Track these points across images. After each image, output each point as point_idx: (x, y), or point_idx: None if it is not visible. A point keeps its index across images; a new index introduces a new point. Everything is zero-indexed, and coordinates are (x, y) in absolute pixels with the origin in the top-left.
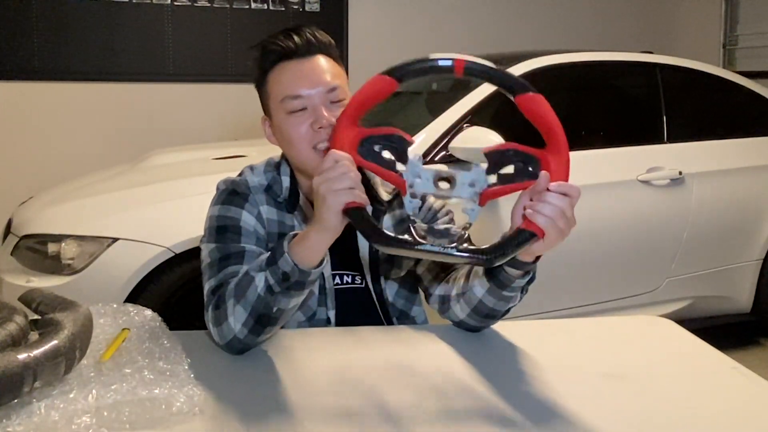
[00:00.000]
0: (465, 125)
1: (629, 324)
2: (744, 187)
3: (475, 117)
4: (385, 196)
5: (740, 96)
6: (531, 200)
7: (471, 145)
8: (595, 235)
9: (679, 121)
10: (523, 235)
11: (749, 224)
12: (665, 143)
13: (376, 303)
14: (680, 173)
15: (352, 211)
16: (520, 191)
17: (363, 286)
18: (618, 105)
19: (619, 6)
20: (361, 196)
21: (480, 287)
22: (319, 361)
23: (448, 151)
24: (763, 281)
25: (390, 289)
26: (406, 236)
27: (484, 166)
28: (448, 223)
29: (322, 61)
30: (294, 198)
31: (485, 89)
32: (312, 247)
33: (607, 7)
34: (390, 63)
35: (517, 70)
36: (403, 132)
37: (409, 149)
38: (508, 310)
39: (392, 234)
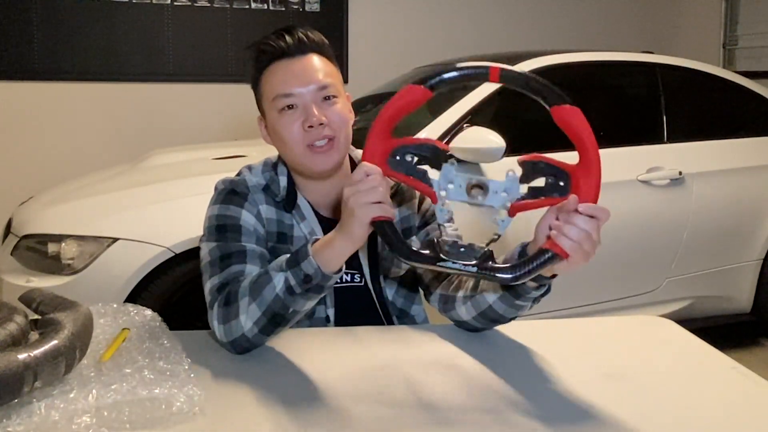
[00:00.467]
0: (465, 125)
1: (629, 324)
2: (744, 187)
3: (475, 117)
4: None
5: (740, 96)
6: (557, 219)
7: (471, 145)
8: None
9: (679, 121)
10: (546, 256)
11: (749, 224)
12: (665, 143)
13: (376, 301)
14: (680, 173)
15: (378, 224)
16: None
17: (362, 284)
18: (618, 105)
19: (619, 6)
20: (389, 210)
21: (492, 293)
22: (319, 360)
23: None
24: (763, 281)
25: (389, 288)
26: (429, 251)
27: (518, 173)
28: (448, 222)
29: (315, 59)
30: (291, 197)
31: (485, 89)
32: (336, 252)
33: (607, 7)
34: (390, 63)
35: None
36: (437, 141)
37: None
38: (515, 317)
39: (417, 249)
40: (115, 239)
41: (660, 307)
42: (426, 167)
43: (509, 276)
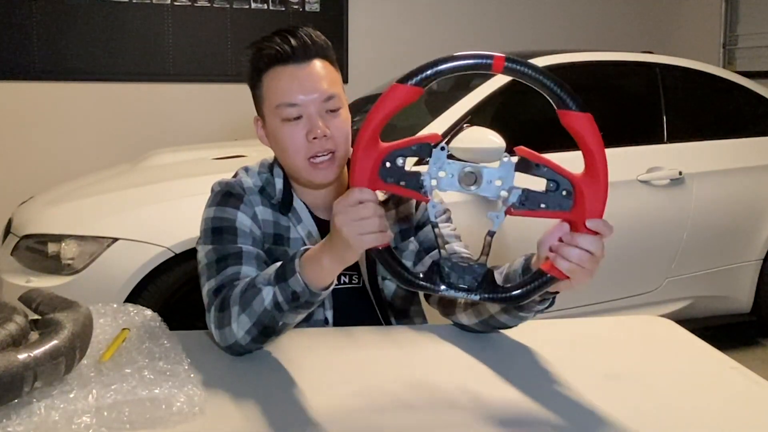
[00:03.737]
0: (465, 125)
1: (629, 324)
2: (744, 187)
3: (474, 117)
4: (380, 196)
5: (740, 96)
6: (560, 239)
7: (471, 145)
8: None
9: (679, 121)
10: (543, 279)
11: (749, 224)
12: (665, 143)
13: (374, 303)
14: (680, 173)
15: (376, 252)
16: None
17: (360, 285)
18: (618, 105)
19: (619, 6)
20: (386, 237)
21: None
22: (318, 361)
23: (448, 146)
24: (763, 281)
25: (388, 289)
26: (430, 277)
27: (514, 161)
28: (446, 222)
29: (319, 66)
30: (287, 200)
31: (485, 89)
32: (325, 271)
33: (607, 7)
34: (390, 63)
35: None
36: (426, 136)
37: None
38: (517, 325)
39: (417, 275)
40: (115, 239)
41: (660, 307)
42: (418, 168)
43: (509, 299)
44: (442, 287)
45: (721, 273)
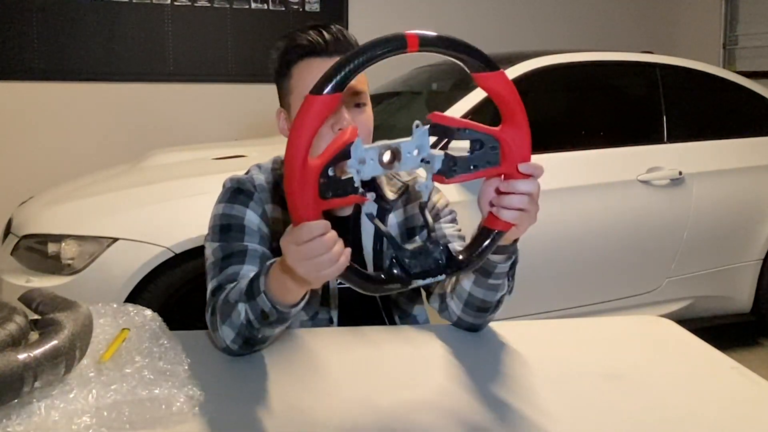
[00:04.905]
0: None
1: (629, 324)
2: (744, 187)
3: (474, 117)
4: (390, 195)
5: (740, 96)
6: (496, 191)
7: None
8: (595, 234)
9: (679, 121)
10: (491, 234)
11: (749, 224)
12: (665, 143)
13: (379, 302)
14: (680, 173)
15: (340, 276)
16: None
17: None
18: (618, 105)
19: (619, 6)
20: (342, 264)
21: (467, 280)
22: (321, 361)
23: (447, 151)
24: (763, 281)
25: None
26: (396, 275)
27: (426, 128)
28: (450, 223)
29: None
30: None
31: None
32: (291, 292)
33: (607, 7)
34: (390, 63)
35: (517, 70)
36: (344, 139)
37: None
38: (500, 301)
39: (382, 279)
40: (115, 239)
41: (660, 307)
42: (348, 173)
43: (464, 267)
44: (411, 281)
45: (721, 273)
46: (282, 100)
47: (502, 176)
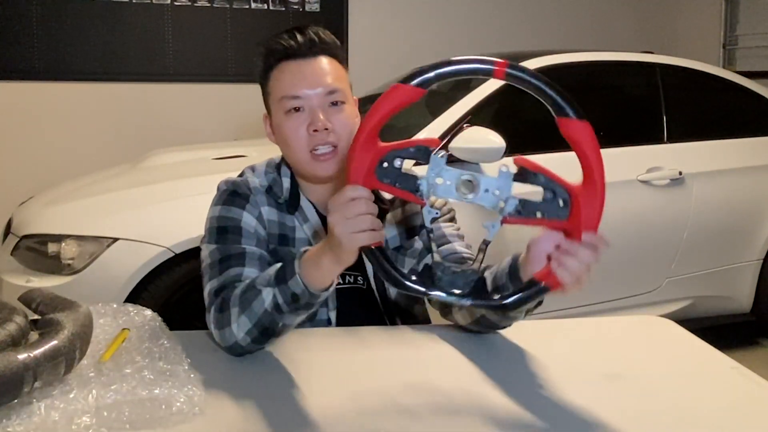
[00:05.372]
0: (465, 125)
1: (629, 324)
2: (744, 187)
3: (474, 117)
4: (387, 195)
5: (740, 96)
6: (557, 247)
7: (471, 145)
8: None
9: (679, 121)
10: (539, 287)
11: (749, 224)
12: (665, 143)
13: (379, 302)
14: (680, 173)
15: (369, 252)
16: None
17: (365, 286)
18: (618, 105)
19: (619, 6)
20: (378, 236)
21: None
22: (320, 361)
23: (448, 151)
24: (763, 281)
25: (393, 289)
26: (421, 280)
27: (513, 171)
28: (449, 222)
29: (325, 62)
30: (294, 199)
31: (485, 89)
32: (324, 272)
33: (607, 7)
34: (390, 63)
35: None
36: (427, 140)
37: (433, 152)
38: (510, 325)
39: (410, 277)
40: (115, 239)
41: (660, 307)
42: (415, 171)
43: (502, 306)
44: (433, 291)
45: (721, 273)
46: (265, 105)
47: (563, 232)
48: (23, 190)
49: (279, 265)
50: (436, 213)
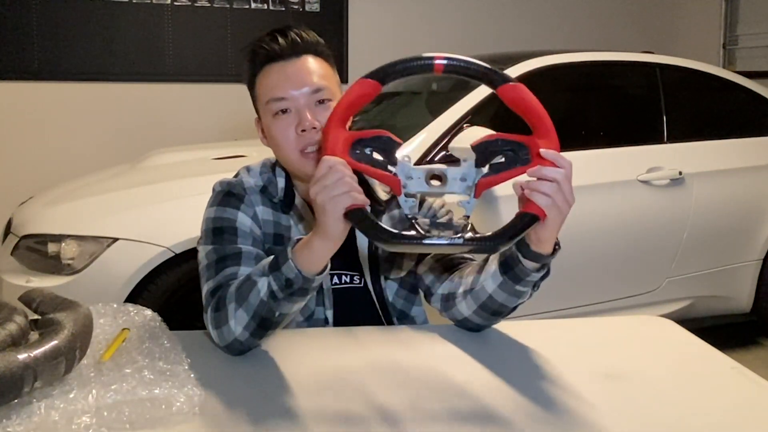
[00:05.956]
0: (465, 125)
1: (629, 324)
2: (744, 187)
3: (474, 117)
4: (383, 195)
5: (740, 96)
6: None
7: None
8: (594, 235)
9: (679, 121)
10: (523, 219)
11: (749, 224)
12: (665, 143)
13: (376, 303)
14: (680, 173)
15: (352, 214)
16: (514, 178)
17: (362, 286)
18: (618, 105)
19: (619, 6)
20: (359, 198)
21: (492, 282)
22: (319, 361)
23: (448, 151)
24: (763, 281)
25: (390, 289)
26: (411, 232)
27: (471, 159)
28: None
29: (310, 61)
30: (289, 199)
31: (485, 89)
32: (315, 254)
33: (607, 7)
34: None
35: (517, 70)
36: (391, 134)
37: (398, 151)
38: (515, 308)
39: (396, 231)
40: (115, 239)
41: (660, 307)
42: (383, 159)
43: (492, 242)
44: (428, 239)
45: (721, 273)
46: (255, 109)
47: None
48: (23, 190)
49: (272, 256)
50: (413, 201)
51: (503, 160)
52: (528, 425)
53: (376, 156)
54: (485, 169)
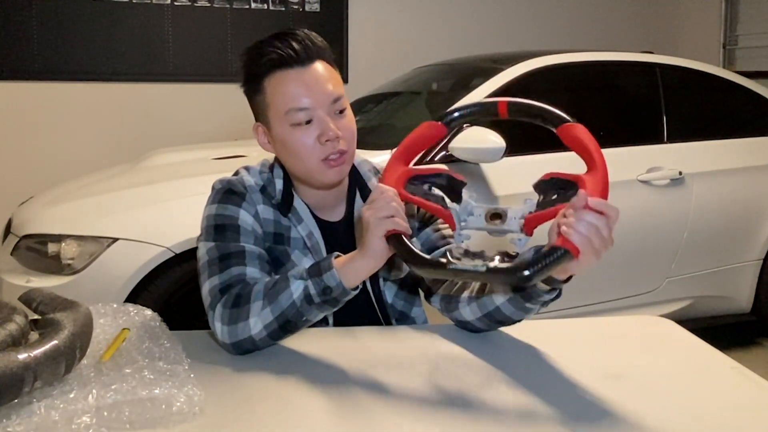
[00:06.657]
0: (465, 125)
1: (629, 324)
2: (744, 187)
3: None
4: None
5: (740, 96)
6: (564, 216)
7: (471, 145)
8: None
9: (679, 121)
10: (557, 253)
11: (749, 224)
12: (665, 143)
13: (375, 304)
14: (680, 173)
15: (391, 238)
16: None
17: (361, 286)
18: (618, 105)
19: (619, 6)
20: (401, 224)
21: (501, 296)
22: (319, 361)
23: (448, 151)
24: (763, 281)
25: (389, 291)
26: (442, 259)
27: (534, 199)
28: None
29: (321, 68)
30: (288, 200)
31: (485, 89)
32: (357, 270)
33: (607, 7)
34: (390, 63)
35: (517, 70)
36: (451, 171)
37: (464, 189)
38: (521, 320)
39: (428, 257)
40: (115, 239)
41: (660, 307)
42: (442, 194)
43: (521, 276)
44: (459, 265)
45: (721, 273)
46: (258, 114)
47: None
48: (23, 190)
49: (313, 263)
50: (469, 237)
51: (555, 197)
52: (528, 425)
53: (435, 191)
54: (532, 203)
